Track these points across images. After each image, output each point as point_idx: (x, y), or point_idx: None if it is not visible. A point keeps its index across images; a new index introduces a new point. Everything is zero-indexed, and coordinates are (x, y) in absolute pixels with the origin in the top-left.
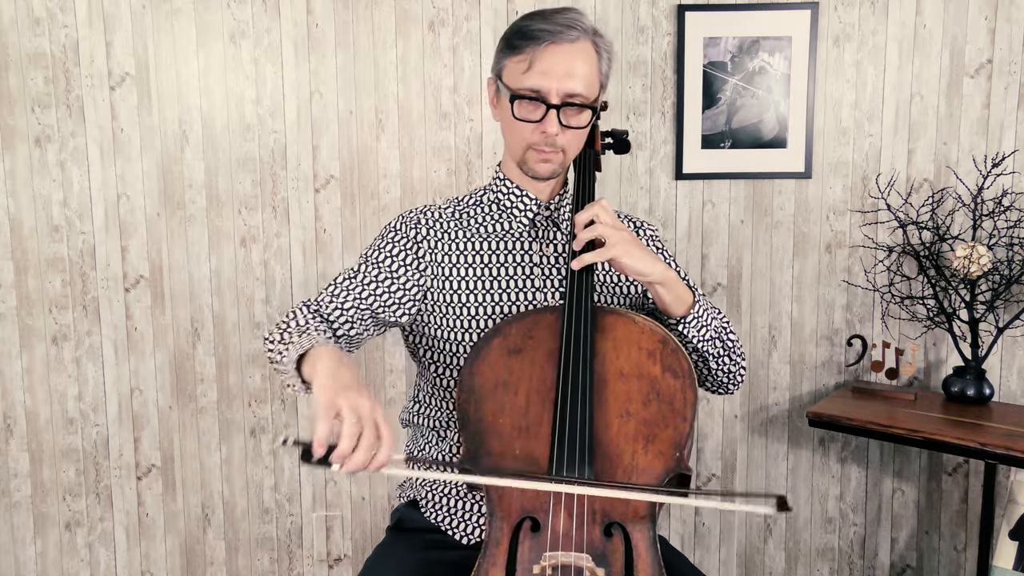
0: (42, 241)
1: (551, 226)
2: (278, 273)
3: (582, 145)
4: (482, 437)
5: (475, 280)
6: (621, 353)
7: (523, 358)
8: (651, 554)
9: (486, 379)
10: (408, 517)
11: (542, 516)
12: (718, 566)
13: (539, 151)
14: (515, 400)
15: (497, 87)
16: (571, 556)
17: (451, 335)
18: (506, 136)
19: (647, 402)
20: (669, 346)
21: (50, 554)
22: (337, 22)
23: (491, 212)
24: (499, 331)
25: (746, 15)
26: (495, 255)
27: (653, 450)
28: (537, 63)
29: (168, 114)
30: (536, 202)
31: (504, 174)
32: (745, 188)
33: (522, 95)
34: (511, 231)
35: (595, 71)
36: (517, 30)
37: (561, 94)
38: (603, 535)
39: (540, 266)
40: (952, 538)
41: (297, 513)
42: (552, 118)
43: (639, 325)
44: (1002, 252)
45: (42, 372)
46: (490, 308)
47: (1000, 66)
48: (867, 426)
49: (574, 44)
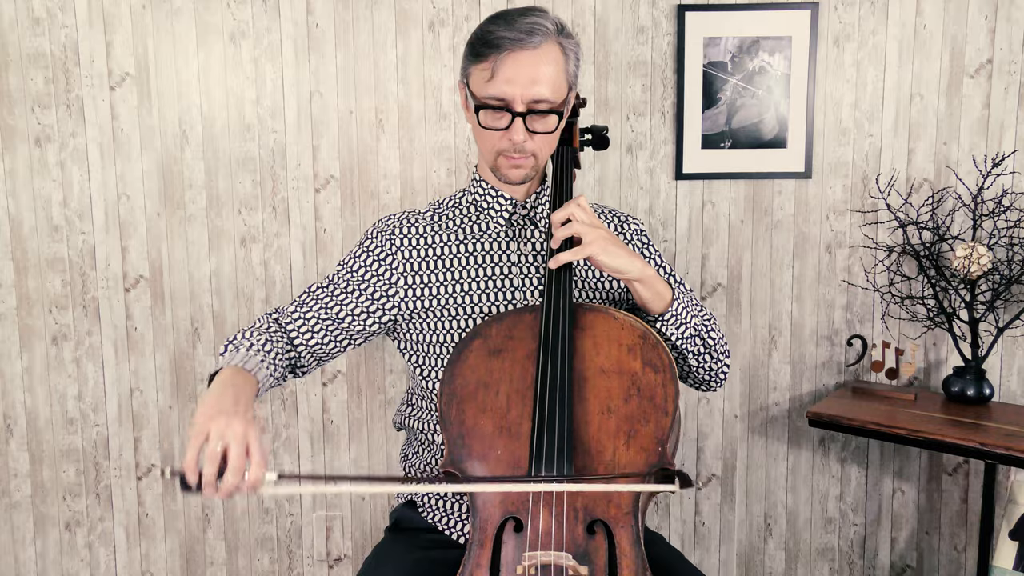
0: (42, 241)
1: (529, 225)
2: (278, 273)
3: (554, 147)
4: (464, 439)
5: (453, 283)
6: (601, 350)
7: (503, 359)
8: (635, 551)
9: (467, 381)
10: (406, 517)
11: (524, 516)
12: (718, 566)
13: (509, 157)
14: (496, 401)
15: (466, 93)
16: (551, 555)
17: (433, 338)
18: (477, 142)
19: (628, 398)
20: (649, 341)
21: (50, 554)
22: (337, 22)
23: (469, 214)
24: (479, 332)
25: (746, 15)
26: (472, 256)
27: (635, 445)
28: (500, 71)
29: (168, 114)
30: (512, 202)
31: (480, 175)
32: (745, 188)
33: (487, 104)
34: (488, 231)
35: (561, 73)
36: (479, 36)
37: (526, 101)
38: (586, 533)
39: (518, 265)
40: (952, 538)
41: (297, 513)
42: (518, 126)
43: (618, 321)
44: (1002, 252)
45: (42, 372)
46: (469, 308)
47: (1000, 66)
48: (867, 426)
49: (537, 49)
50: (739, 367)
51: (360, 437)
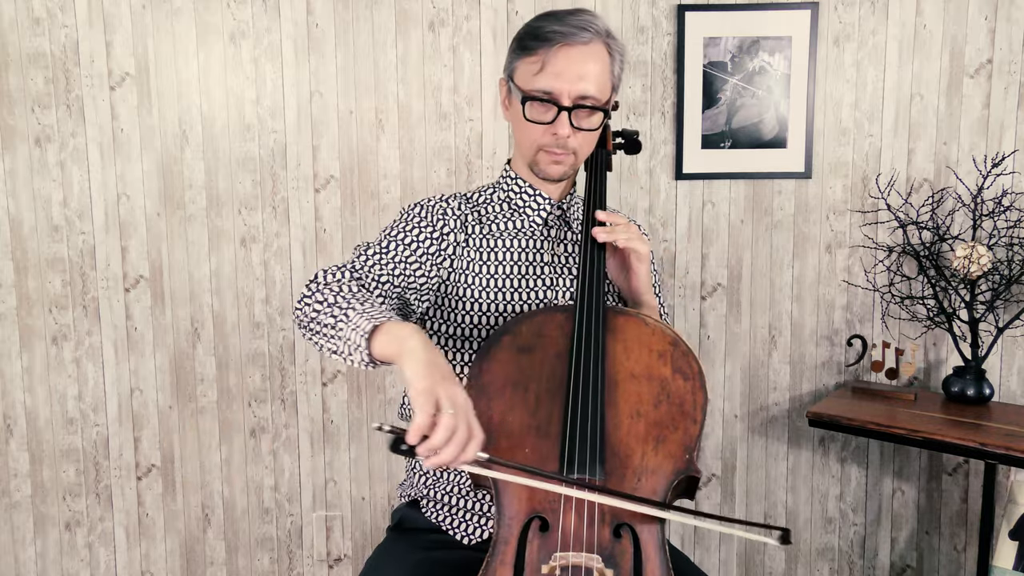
0: (42, 241)
1: (563, 225)
2: (278, 273)
3: (593, 146)
4: (491, 435)
5: (488, 277)
6: (632, 354)
7: (533, 357)
8: (660, 556)
9: (496, 377)
10: (409, 517)
11: (551, 516)
12: (718, 566)
13: (550, 152)
14: (525, 398)
15: (509, 88)
16: (581, 556)
17: (459, 331)
18: (517, 137)
19: (657, 403)
20: (680, 348)
21: (50, 554)
22: (337, 22)
23: (503, 210)
24: (509, 329)
25: (746, 15)
26: (508, 252)
27: (663, 451)
28: (549, 65)
29: (168, 114)
30: (549, 201)
31: (516, 173)
32: (745, 188)
33: (534, 96)
34: (523, 230)
35: (607, 73)
36: (529, 31)
37: (573, 96)
38: (612, 536)
39: (551, 265)
40: (952, 538)
41: (297, 513)
42: (563, 120)
43: (650, 327)
44: (1002, 252)
45: (42, 372)
46: (501, 306)
47: (1000, 66)
48: (867, 426)
49: (587, 46)
50: (739, 367)
51: (360, 437)
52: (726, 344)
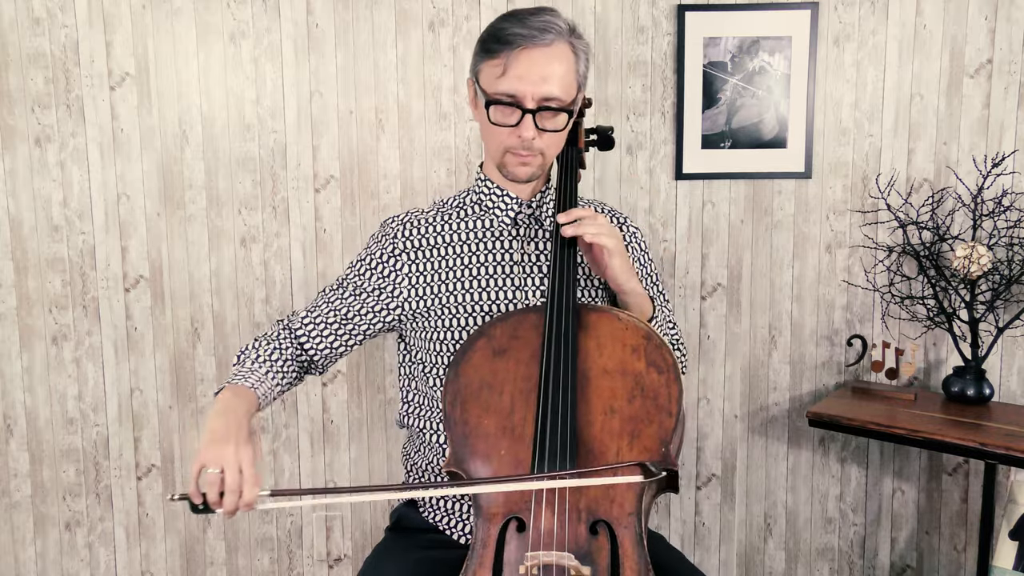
0: (42, 241)
1: (533, 224)
2: (278, 273)
3: (561, 146)
4: (468, 439)
5: (456, 281)
6: (605, 350)
7: (508, 359)
8: (638, 551)
9: (471, 380)
10: (407, 517)
11: (526, 516)
12: (718, 566)
13: (517, 154)
14: (500, 401)
15: (475, 90)
16: (552, 555)
17: (435, 335)
18: (484, 139)
19: (631, 398)
20: (653, 342)
21: (50, 554)
22: (337, 22)
23: (474, 213)
24: (483, 332)
25: (746, 15)
26: (475, 255)
27: (638, 446)
28: (511, 68)
29: (168, 114)
30: (517, 201)
31: (485, 175)
32: (745, 188)
33: (497, 100)
34: (492, 230)
35: (571, 72)
36: (492, 33)
37: (537, 98)
38: (588, 533)
39: (520, 264)
40: (952, 538)
41: (297, 513)
42: (528, 123)
43: (623, 321)
44: (1002, 252)
45: (42, 372)
46: (470, 307)
47: (1000, 66)
48: (867, 426)
49: (549, 47)
50: (739, 367)
51: (360, 437)
52: (726, 344)
